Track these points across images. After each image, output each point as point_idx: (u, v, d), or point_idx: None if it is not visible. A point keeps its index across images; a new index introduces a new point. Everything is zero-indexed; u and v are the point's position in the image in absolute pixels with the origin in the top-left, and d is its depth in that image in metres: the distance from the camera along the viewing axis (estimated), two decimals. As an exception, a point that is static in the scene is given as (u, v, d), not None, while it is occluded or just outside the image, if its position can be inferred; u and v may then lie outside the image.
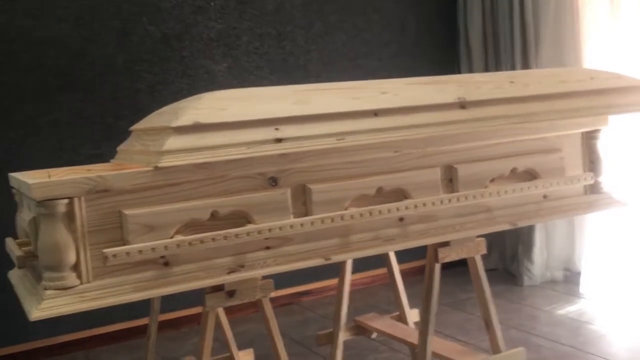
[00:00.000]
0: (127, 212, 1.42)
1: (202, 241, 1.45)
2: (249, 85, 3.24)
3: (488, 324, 1.92)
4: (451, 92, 1.84)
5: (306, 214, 1.61)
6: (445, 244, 1.81)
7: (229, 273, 1.52)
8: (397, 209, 1.68)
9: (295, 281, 3.32)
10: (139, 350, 2.85)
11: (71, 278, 1.37)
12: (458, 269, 3.71)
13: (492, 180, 1.86)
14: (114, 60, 2.98)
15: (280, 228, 1.54)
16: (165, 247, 1.42)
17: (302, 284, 3.35)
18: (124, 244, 1.41)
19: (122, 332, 2.99)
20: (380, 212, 1.65)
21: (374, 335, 2.25)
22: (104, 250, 1.36)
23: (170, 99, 3.05)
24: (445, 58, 3.75)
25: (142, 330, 2.80)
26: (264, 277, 1.65)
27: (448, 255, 1.81)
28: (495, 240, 3.71)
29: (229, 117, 1.55)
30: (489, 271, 3.68)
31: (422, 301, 1.84)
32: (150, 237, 1.43)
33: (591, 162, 2.02)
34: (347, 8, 3.46)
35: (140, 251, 1.39)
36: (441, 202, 1.73)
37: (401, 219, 1.73)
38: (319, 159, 1.62)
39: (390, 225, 1.72)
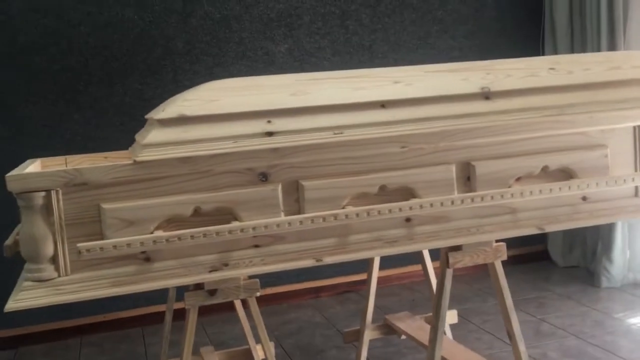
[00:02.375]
0: (105, 206, 1.41)
1: (180, 238, 1.42)
2: (310, 68, 3.17)
3: (510, 337, 1.76)
4: (475, 82, 1.69)
5: (299, 212, 1.54)
6: (457, 247, 1.67)
7: (210, 271, 1.48)
8: (400, 209, 1.56)
9: (354, 269, 3.25)
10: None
11: (49, 270, 1.39)
12: (542, 263, 3.51)
13: (518, 180, 1.69)
14: (174, 43, 3.01)
15: (265, 226, 1.47)
16: (141, 243, 1.40)
17: (360, 272, 3.28)
18: (102, 238, 1.42)
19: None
20: (379, 212, 1.54)
21: (403, 335, 2.15)
22: (78, 245, 1.37)
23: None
24: (528, 36, 3.48)
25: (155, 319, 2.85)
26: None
27: (460, 261, 1.67)
28: (577, 236, 3.44)
29: (218, 109, 1.50)
30: (569, 268, 3.43)
31: (433, 308, 1.72)
32: (129, 232, 1.42)
33: (644, 160, 1.78)
34: (417, -16, 3.29)
35: (114, 246, 1.39)
36: (452, 202, 1.59)
37: (408, 220, 1.62)
38: (314, 154, 1.54)
39: (395, 226, 1.61)
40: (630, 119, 1.75)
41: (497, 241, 1.73)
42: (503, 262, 1.77)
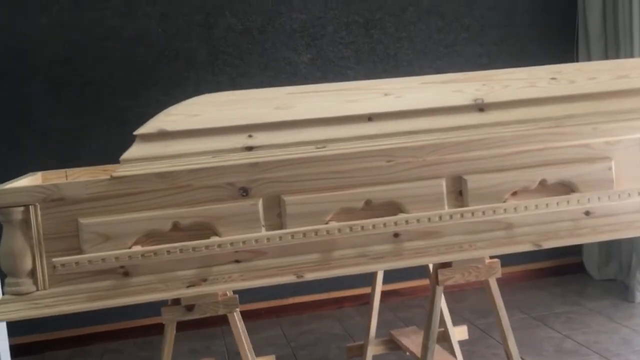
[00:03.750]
0: (83, 220, 1.43)
1: (155, 253, 1.42)
2: (333, 77, 3.15)
3: (508, 357, 1.69)
4: (469, 93, 1.63)
5: (281, 227, 1.52)
6: (448, 264, 1.61)
7: (188, 287, 1.48)
8: (385, 225, 1.52)
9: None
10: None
11: (27, 284, 1.41)
12: (577, 276, 3.38)
13: (515, 194, 1.62)
14: (196, 54, 3.05)
15: (244, 242, 1.46)
16: (116, 258, 1.41)
17: (387, 282, 3.21)
18: (81, 253, 1.43)
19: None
20: (362, 227, 1.50)
21: (408, 352, 2.09)
22: (53, 260, 1.39)
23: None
24: (562, 41, 3.35)
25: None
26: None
27: (451, 278, 1.62)
28: (614, 248, 3.29)
29: (198, 124, 1.50)
30: (605, 282, 3.28)
31: (425, 324, 1.66)
32: (107, 246, 1.44)
33: (656, 173, 1.68)
34: (443, -9, 3.22)
35: (89, 261, 1.40)
36: (440, 218, 1.54)
37: (397, 235, 1.57)
38: (296, 169, 1.51)
39: (381, 242, 1.56)
40: (638, 130, 1.66)
41: (492, 257, 1.66)
42: (537, 274, 1.69)
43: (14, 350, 2.75)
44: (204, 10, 3.04)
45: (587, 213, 1.66)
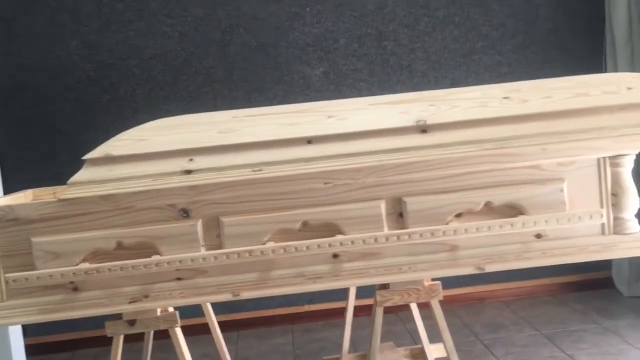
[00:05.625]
0: (34, 239, 1.55)
1: (98, 271, 1.52)
2: (346, 89, 3.18)
3: (455, 379, 1.68)
4: (413, 114, 1.64)
5: (220, 247, 1.59)
6: (387, 285, 1.62)
7: (130, 302, 1.57)
8: (318, 246, 1.55)
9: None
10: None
11: (-12, 297, 1.55)
12: (606, 292, 3.25)
13: (459, 216, 1.61)
14: (213, 71, 3.16)
15: (180, 261, 1.54)
16: (62, 275, 1.52)
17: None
18: (34, 269, 1.55)
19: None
20: (296, 248, 1.55)
21: (382, 367, 2.10)
22: (5, 275, 1.52)
23: (267, 105, 3.15)
24: (588, 48, 3.23)
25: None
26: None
27: (390, 299, 1.62)
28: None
29: (142, 149, 1.59)
30: (635, 299, 3.14)
31: (368, 344, 1.68)
32: (56, 263, 1.55)
33: (613, 195, 1.62)
34: (458, 1, 3.17)
35: (38, 277, 1.52)
36: (375, 240, 1.56)
37: (335, 256, 1.60)
38: (233, 191, 1.57)
39: (320, 262, 1.60)
40: (593, 150, 1.61)
41: (434, 279, 1.66)
42: (563, 288, 1.66)
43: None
44: (219, 29, 3.15)
45: (538, 236, 1.63)
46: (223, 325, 3.28)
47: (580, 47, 3.24)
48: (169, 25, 3.14)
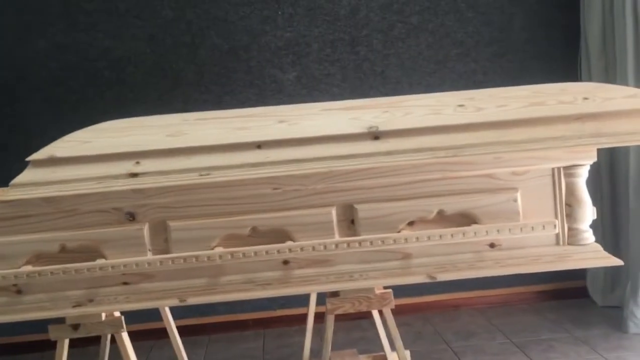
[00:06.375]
0: (-25, 242, 1.51)
1: (40, 274, 1.49)
2: (318, 94, 3.15)
3: (405, 389, 1.65)
4: (366, 121, 1.61)
5: (168, 252, 1.55)
6: (337, 293, 1.59)
7: (74, 307, 1.53)
8: (266, 252, 1.53)
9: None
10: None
11: None
12: (581, 301, 3.22)
13: (411, 224, 1.59)
14: (184, 74, 3.12)
15: (124, 265, 1.50)
16: (3, 277, 1.49)
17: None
18: (-25, 271, 1.51)
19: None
20: (244, 254, 1.52)
21: (341, 376, 2.07)
22: (-58, 278, 1.47)
23: (238, 108, 3.12)
24: (564, 57, 3.22)
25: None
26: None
27: (340, 307, 1.59)
28: (622, 273, 3.11)
29: (88, 151, 1.56)
30: (609, 309, 3.12)
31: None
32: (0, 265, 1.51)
33: (568, 205, 1.60)
34: (432, 7, 3.15)
35: (-25, 280, 1.48)
36: (325, 247, 1.53)
37: (286, 262, 1.57)
38: (181, 195, 1.54)
39: (270, 268, 1.57)
40: (546, 160, 1.59)
41: (385, 288, 1.63)
42: (539, 297, 1.63)
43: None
44: (190, 32, 3.11)
45: (492, 245, 1.60)
46: (194, 329, 3.27)
47: (556, 56, 3.23)
48: (139, 27, 3.10)
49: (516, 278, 2.13)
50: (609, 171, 3.05)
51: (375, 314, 2.09)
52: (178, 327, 2.29)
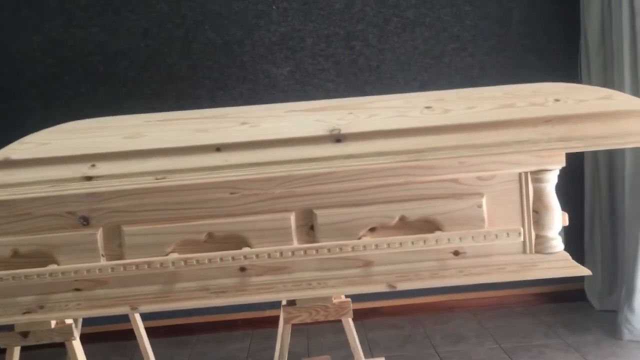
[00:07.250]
0: None
1: (-10, 279, 1.47)
2: (312, 90, 3.10)
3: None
4: (329, 123, 1.56)
5: (122, 257, 1.53)
6: (294, 302, 1.55)
7: (24, 313, 1.51)
8: (221, 259, 1.49)
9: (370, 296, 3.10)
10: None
11: None
12: (578, 304, 3.14)
13: (373, 230, 1.54)
14: (177, 68, 3.10)
15: (75, 272, 1.48)
16: (-47, 282, 1.47)
17: (375, 300, 3.14)
18: None
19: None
20: (197, 261, 1.48)
21: (314, 381, 2.03)
22: None
23: (231, 104, 3.09)
24: (564, 53, 3.12)
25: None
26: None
27: (297, 316, 1.55)
28: (621, 276, 3.02)
29: (43, 153, 1.53)
30: (606, 313, 3.03)
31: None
32: (-49, 269, 1.50)
33: (535, 212, 1.54)
34: (429, 1, 3.07)
35: None
36: (281, 253, 1.49)
37: (243, 269, 1.54)
38: (136, 199, 1.51)
39: (225, 275, 1.54)
40: (513, 165, 1.53)
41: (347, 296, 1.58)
42: (536, 299, 1.58)
43: None
44: (184, 26, 3.08)
45: (456, 253, 1.55)
46: (182, 329, 3.26)
47: (556, 51, 3.13)
48: (133, 21, 3.08)
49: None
50: (608, 171, 2.96)
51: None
52: (167, 327, 2.29)
